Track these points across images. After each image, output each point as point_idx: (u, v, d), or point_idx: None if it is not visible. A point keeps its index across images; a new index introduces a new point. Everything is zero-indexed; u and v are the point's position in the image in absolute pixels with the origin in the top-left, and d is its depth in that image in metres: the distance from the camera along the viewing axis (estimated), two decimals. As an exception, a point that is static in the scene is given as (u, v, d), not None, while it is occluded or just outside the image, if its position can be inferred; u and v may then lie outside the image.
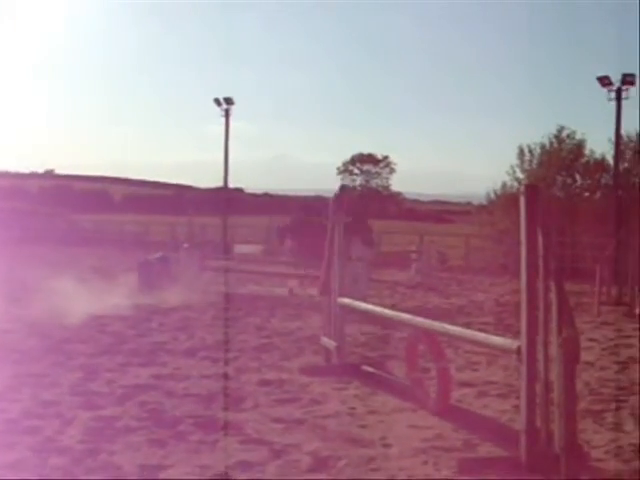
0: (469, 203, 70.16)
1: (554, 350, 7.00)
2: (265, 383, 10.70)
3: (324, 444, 7.93)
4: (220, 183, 52.94)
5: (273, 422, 8.75)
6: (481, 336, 9.48)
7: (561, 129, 44.92)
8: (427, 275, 31.25)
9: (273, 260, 33.90)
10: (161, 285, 20.53)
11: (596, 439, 8.44)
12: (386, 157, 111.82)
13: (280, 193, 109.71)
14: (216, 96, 47.69)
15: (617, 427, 9.02)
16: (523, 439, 7.37)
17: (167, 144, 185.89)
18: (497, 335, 10.58)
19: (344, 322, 11.99)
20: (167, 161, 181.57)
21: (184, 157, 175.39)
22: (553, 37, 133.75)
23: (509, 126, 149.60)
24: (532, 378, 7.28)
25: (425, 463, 7.45)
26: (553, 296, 7.05)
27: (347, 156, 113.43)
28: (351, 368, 11.51)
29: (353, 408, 9.54)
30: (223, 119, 47.95)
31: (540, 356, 7.23)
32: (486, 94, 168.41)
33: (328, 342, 11.90)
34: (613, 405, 10.05)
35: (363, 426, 8.73)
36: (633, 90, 39.97)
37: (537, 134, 61.06)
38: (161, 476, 6.89)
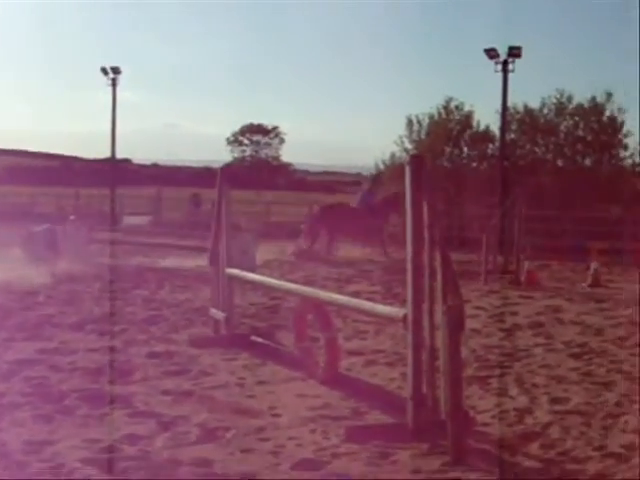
0: (359, 174, 70.53)
1: (439, 318, 7.12)
2: (153, 355, 10.65)
3: (213, 415, 7.95)
4: (108, 154, 52.25)
5: (161, 394, 8.72)
6: (368, 305, 9.59)
7: (449, 100, 45.46)
8: (316, 245, 31.34)
9: (161, 231, 33.68)
10: (47, 258, 20.18)
11: (482, 404, 8.65)
12: (276, 127, 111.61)
13: (169, 164, 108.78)
14: (103, 65, 47.02)
15: (502, 392, 9.24)
16: (410, 406, 7.47)
17: (55, 114, 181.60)
18: (384, 304, 10.74)
19: (233, 293, 11.99)
20: (55, 131, 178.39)
21: (72, 127, 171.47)
22: (441, 8, 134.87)
23: (398, 97, 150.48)
24: (418, 346, 7.38)
25: (313, 432, 7.52)
26: (438, 265, 7.17)
27: (237, 127, 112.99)
28: (240, 339, 11.54)
29: (242, 379, 9.57)
30: (110, 88, 47.32)
31: (426, 324, 7.34)
32: (375, 65, 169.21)
33: (217, 313, 11.89)
34: (498, 371, 10.28)
35: (252, 396, 8.77)
36: (519, 62, 40.72)
37: (426, 105, 61.79)
38: (47, 451, 6.80)
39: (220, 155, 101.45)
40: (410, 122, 45.69)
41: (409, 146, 44.28)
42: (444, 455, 6.85)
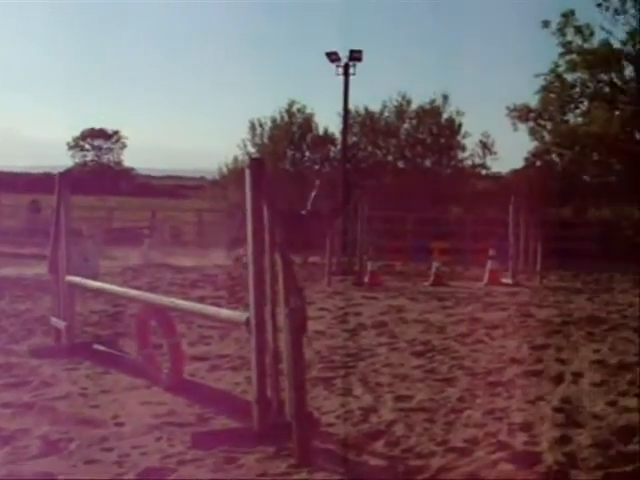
0: (202, 178, 70.13)
1: (282, 320, 7.13)
2: (-9, 367, 10.34)
3: (55, 427, 7.74)
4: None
5: (0, 407, 8.45)
6: (211, 310, 9.56)
7: (292, 103, 45.83)
8: (160, 251, 31.08)
9: (-1, 240, 32.73)
10: None
11: (327, 405, 8.71)
12: (117, 132, 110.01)
13: (6, 170, 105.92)
14: None
15: (346, 392, 9.33)
16: (255, 410, 7.48)
17: None
18: (228, 308, 10.71)
19: (74, 301, 11.74)
20: None
21: None
22: (283, 10, 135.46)
23: (242, 101, 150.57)
24: (262, 349, 7.39)
25: (159, 439, 7.42)
26: (279, 268, 7.19)
27: (77, 132, 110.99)
28: (82, 347, 11.30)
29: (84, 388, 9.37)
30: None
31: (269, 327, 7.36)
32: (217, 68, 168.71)
33: (58, 322, 11.61)
34: (343, 372, 10.39)
35: (95, 406, 8.58)
36: (360, 66, 41.29)
37: (270, 108, 62.08)
38: None
39: (61, 160, 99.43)
40: (253, 126, 45.86)
41: (252, 149, 44.41)
42: (290, 457, 6.86)
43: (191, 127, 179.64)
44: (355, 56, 40.94)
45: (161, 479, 6.45)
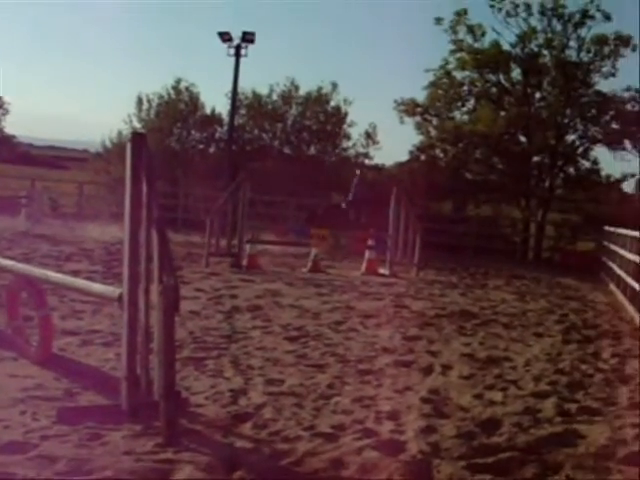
0: (86, 150, 69.00)
1: (155, 298, 7.08)
2: None
3: None
4: None
5: None
6: (83, 283, 9.40)
7: (179, 81, 45.42)
8: (38, 221, 30.53)
9: None
10: None
11: (196, 386, 8.69)
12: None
13: None
14: None
15: (217, 374, 9.32)
16: (124, 387, 7.42)
17: None
18: (103, 283, 10.55)
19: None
20: None
21: None
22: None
23: (132, 75, 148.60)
24: (133, 326, 7.33)
25: (23, 413, 7.29)
26: (155, 245, 7.12)
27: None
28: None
29: (-52, 359, 9.17)
30: None
31: (142, 304, 7.29)
32: (109, 40, 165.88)
33: None
34: (215, 353, 10.37)
35: (-42, 377, 8.42)
36: (251, 48, 41.19)
37: (156, 84, 61.40)
38: None
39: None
40: (140, 101, 45.29)
41: (138, 125, 43.90)
42: (157, 436, 6.82)
43: (74, 96, 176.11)
44: (247, 38, 40.87)
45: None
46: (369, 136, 45.87)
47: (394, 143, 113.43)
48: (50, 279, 9.53)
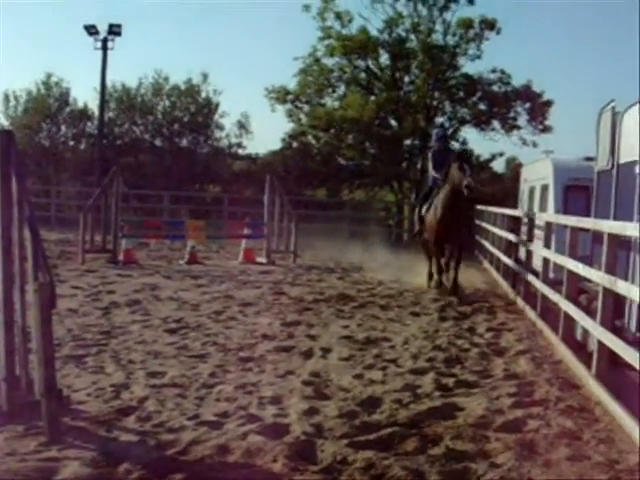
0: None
1: (31, 297, 7.02)
2: None
3: None
4: None
5: None
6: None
7: (49, 76, 44.68)
8: None
9: None
10: None
11: (78, 382, 8.64)
12: None
13: None
14: None
15: (98, 370, 9.28)
16: (3, 388, 7.33)
17: None
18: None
19: None
20: None
21: None
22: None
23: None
24: (10, 326, 7.24)
25: None
26: (28, 243, 7.06)
27: None
28: None
29: None
30: None
31: (17, 304, 7.22)
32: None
33: None
34: (95, 349, 10.31)
35: None
36: (119, 40, 40.79)
37: (23, 80, 60.24)
38: None
39: None
40: (7, 97, 44.48)
41: (6, 122, 43.14)
42: (40, 435, 6.78)
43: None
44: (114, 30, 40.49)
45: None
46: (242, 126, 45.86)
47: (266, 132, 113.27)
48: None
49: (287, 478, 6.01)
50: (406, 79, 42.55)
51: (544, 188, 20.53)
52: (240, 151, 46.71)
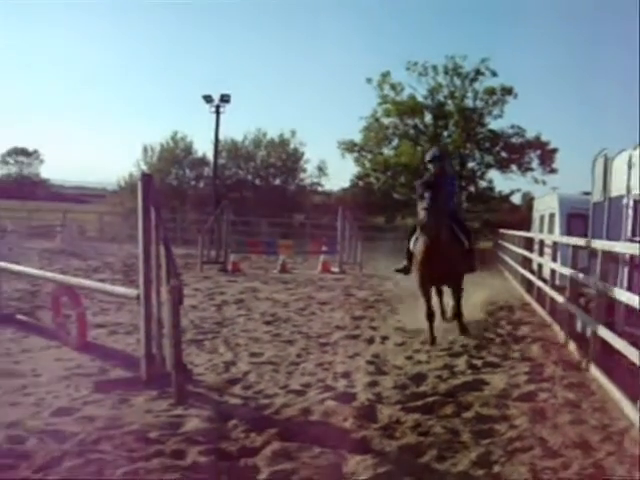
0: (104, 189, 68.42)
1: (164, 296, 7.15)
2: None
3: (-16, 378, 7.53)
4: None
5: (-60, 364, 8.15)
6: (109, 287, 9.46)
7: (175, 133, 45.49)
8: (69, 244, 30.33)
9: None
10: None
11: (198, 360, 8.74)
12: (36, 150, 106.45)
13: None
14: None
15: (213, 351, 9.38)
16: (143, 363, 7.47)
17: None
18: (123, 287, 10.58)
19: (0, 281, 11.36)
20: None
21: None
22: (172, 57, 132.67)
23: (136, 128, 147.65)
24: (149, 317, 7.38)
25: (68, 387, 7.31)
26: (163, 256, 7.20)
27: (3, 149, 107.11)
28: (7, 318, 10.95)
29: (9, 349, 9.08)
30: None
31: (154, 301, 7.35)
32: (119, 103, 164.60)
33: (-14, 298, 11.24)
34: (210, 335, 10.42)
35: (17, 362, 8.35)
36: (228, 106, 41.30)
37: (157, 136, 61.28)
38: None
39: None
40: (145, 149, 45.36)
41: (144, 167, 43.99)
42: (170, 398, 6.89)
43: (96, 148, 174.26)
44: (225, 98, 40.96)
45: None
46: (320, 169, 46.20)
47: (339, 174, 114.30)
48: (84, 285, 9.56)
49: (354, 433, 6.03)
50: (444, 133, 42.40)
51: (551, 216, 20.29)
52: (319, 188, 47.01)
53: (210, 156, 44.43)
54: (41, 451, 5.38)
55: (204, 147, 67.11)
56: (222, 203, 23.97)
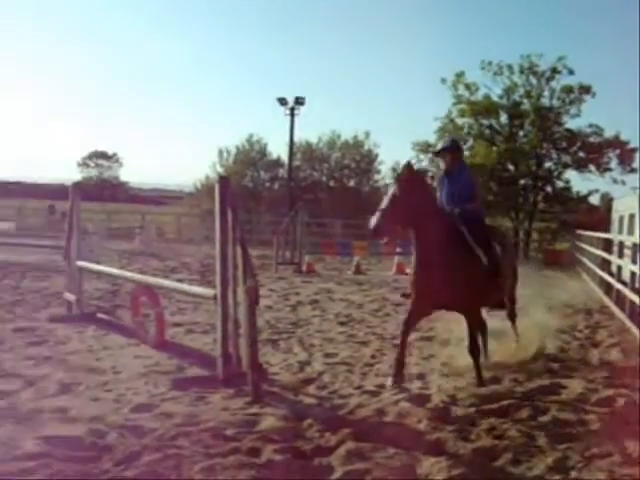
0: (181, 191, 69.67)
1: (241, 296, 7.24)
2: (19, 330, 10.19)
3: (67, 374, 7.74)
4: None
5: (26, 359, 8.40)
6: (187, 287, 9.64)
7: (251, 135, 45.95)
8: (148, 245, 30.95)
9: (23, 234, 32.33)
10: None
11: (273, 359, 8.82)
12: (115, 154, 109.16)
13: (29, 181, 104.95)
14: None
15: (288, 351, 9.45)
16: (219, 362, 7.58)
17: None
18: (200, 287, 10.75)
19: (82, 280, 11.70)
20: None
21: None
22: (247, 63, 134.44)
23: (212, 132, 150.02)
24: (225, 317, 7.49)
25: (147, 383, 7.48)
26: (239, 257, 7.29)
27: (85, 152, 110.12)
28: (88, 316, 11.27)
29: (90, 346, 9.35)
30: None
31: (231, 301, 7.46)
32: (198, 109, 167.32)
33: (70, 296, 11.57)
34: (285, 335, 10.50)
35: (98, 359, 8.59)
36: (302, 108, 41.52)
37: (233, 139, 62.01)
38: None
39: (71, 175, 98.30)
40: (221, 152, 45.95)
41: (220, 169, 44.59)
42: (246, 397, 6.98)
43: (174, 151, 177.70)
44: (299, 101, 41.20)
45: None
46: (394, 170, 45.92)
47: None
48: (163, 285, 9.76)
49: (428, 434, 6.00)
50: (520, 133, 41.65)
51: (631, 217, 19.82)
52: (393, 190, 46.84)
53: (285, 158, 44.86)
54: (121, 445, 5.53)
55: (279, 149, 67.71)
56: (297, 204, 24.14)
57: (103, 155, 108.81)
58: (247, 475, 5.02)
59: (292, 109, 41.34)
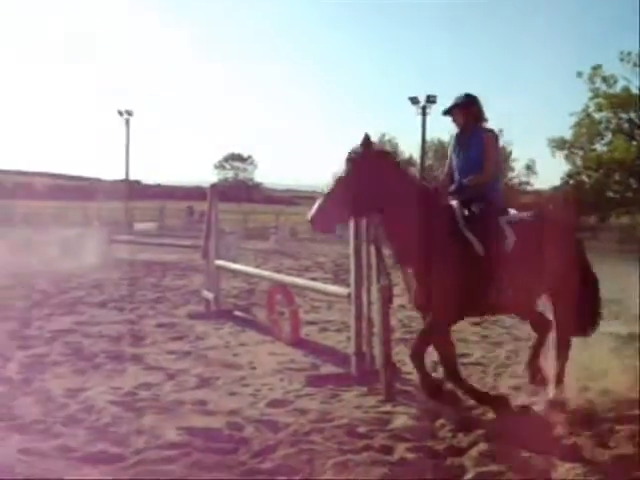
0: (314, 191, 70.59)
1: (375, 295, 7.29)
2: (160, 325, 10.65)
3: (206, 369, 8.02)
4: (123, 176, 52.36)
5: (167, 354, 8.76)
6: (321, 286, 9.78)
7: (383, 135, 46.09)
8: (282, 244, 31.51)
9: (164, 234, 33.62)
10: (78, 254, 20.04)
11: (406, 359, 8.74)
12: (250, 156, 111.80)
13: (169, 184, 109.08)
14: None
15: (421, 350, 9.39)
16: (353, 360, 7.66)
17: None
18: (333, 285, 10.87)
19: (220, 279, 12.07)
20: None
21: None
22: (377, 63, 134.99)
23: (346, 132, 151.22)
24: (359, 316, 7.56)
25: (282, 380, 7.65)
26: (373, 256, 7.34)
27: (220, 155, 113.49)
28: (226, 313, 11.60)
29: (228, 342, 9.65)
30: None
31: (365, 300, 7.52)
32: (332, 111, 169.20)
33: (208, 294, 11.95)
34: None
35: (235, 355, 8.86)
36: (434, 107, 41.18)
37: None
38: (82, 396, 6.84)
39: (207, 177, 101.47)
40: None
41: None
42: (379, 395, 7.01)
43: (306, 152, 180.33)
44: (431, 99, 40.92)
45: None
46: (529, 168, 45.06)
47: (548, 172, 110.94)
48: (297, 284, 9.95)
49: (565, 439, 5.85)
50: (662, 126, 39.91)
51: None
52: (528, 187, 45.84)
53: (417, 157, 44.70)
54: (257, 439, 5.68)
55: (410, 148, 67.45)
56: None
57: (238, 157, 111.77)
58: (379, 472, 5.05)
59: (424, 107, 41.15)
